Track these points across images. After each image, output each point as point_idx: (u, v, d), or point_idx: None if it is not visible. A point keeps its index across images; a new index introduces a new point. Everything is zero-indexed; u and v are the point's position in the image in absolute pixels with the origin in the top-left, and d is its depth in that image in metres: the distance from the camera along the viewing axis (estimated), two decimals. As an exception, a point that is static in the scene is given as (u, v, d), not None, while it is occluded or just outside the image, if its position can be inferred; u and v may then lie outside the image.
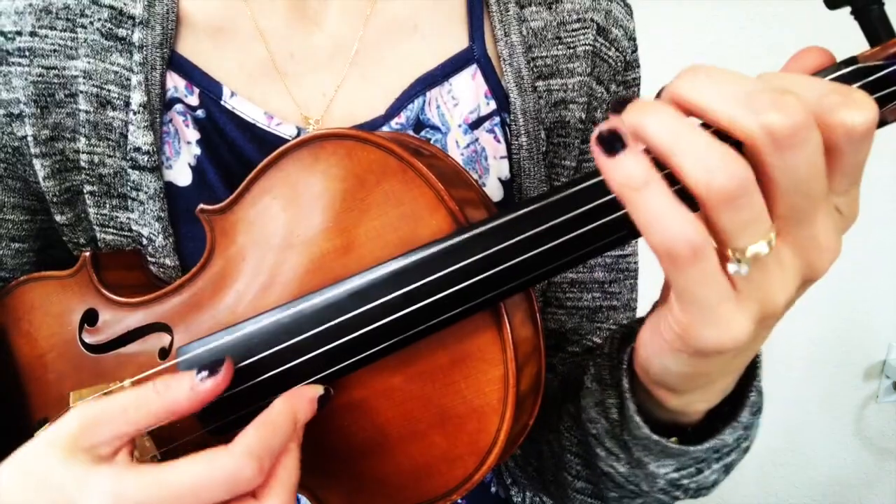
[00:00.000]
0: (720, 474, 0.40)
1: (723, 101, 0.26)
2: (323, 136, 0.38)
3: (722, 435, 0.37)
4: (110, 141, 0.47)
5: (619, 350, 0.41)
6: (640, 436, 0.38)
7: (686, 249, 0.26)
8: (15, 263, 0.51)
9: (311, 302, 0.36)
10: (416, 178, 0.36)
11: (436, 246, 0.34)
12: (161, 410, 0.33)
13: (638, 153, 0.26)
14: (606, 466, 0.41)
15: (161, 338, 0.42)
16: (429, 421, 0.37)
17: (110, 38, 0.46)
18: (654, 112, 0.27)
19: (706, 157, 0.25)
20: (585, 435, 0.42)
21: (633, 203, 0.26)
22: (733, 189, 0.25)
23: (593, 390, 0.41)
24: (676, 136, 0.26)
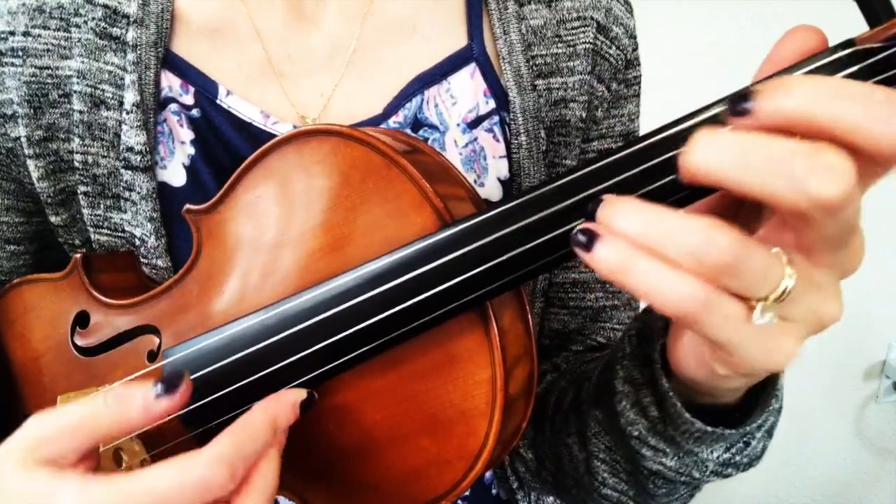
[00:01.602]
0: (766, 440, 0.40)
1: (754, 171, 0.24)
2: (307, 132, 0.38)
3: (768, 405, 0.37)
4: (104, 141, 0.46)
5: (641, 347, 0.40)
6: (691, 430, 0.37)
7: (694, 306, 0.25)
8: (10, 266, 0.50)
9: (295, 303, 0.35)
10: (401, 175, 0.35)
11: (419, 244, 0.33)
12: (114, 426, 0.32)
13: (611, 240, 0.26)
14: (655, 465, 0.40)
15: (150, 340, 0.42)
16: (416, 425, 0.36)
17: (104, 37, 0.46)
18: (620, 212, 0.27)
19: (686, 241, 0.25)
20: (624, 438, 0.41)
21: (626, 284, 0.26)
22: (727, 262, 0.25)
23: (626, 393, 0.40)
24: (649, 229, 0.26)
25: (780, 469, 1.59)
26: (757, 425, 0.37)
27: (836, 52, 0.27)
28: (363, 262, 0.34)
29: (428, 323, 0.33)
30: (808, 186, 0.23)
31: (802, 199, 0.23)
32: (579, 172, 0.30)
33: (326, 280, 0.35)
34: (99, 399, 0.32)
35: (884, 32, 0.27)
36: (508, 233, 0.31)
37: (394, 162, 0.36)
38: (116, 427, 0.32)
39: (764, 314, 0.26)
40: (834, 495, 1.63)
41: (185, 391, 0.32)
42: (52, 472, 0.31)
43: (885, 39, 0.26)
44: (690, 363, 0.33)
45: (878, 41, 0.27)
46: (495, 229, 0.31)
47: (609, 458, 0.44)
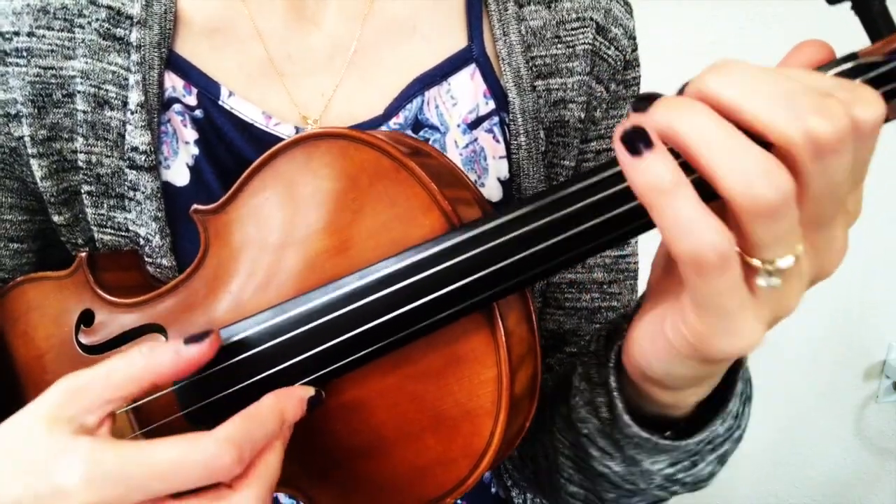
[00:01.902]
0: (715, 465, 0.40)
1: (760, 101, 0.24)
2: (316, 135, 0.38)
3: (713, 426, 0.37)
4: (108, 141, 0.47)
5: (606, 347, 0.41)
6: (630, 434, 0.38)
7: (715, 258, 0.25)
8: (14, 264, 0.50)
9: (303, 303, 0.36)
10: (410, 179, 0.36)
11: (427, 246, 0.33)
12: (145, 373, 0.33)
13: (666, 153, 0.25)
14: (601, 466, 0.41)
15: (156, 339, 0.42)
16: (422, 423, 0.37)
17: (108, 37, 0.46)
18: (686, 109, 0.25)
19: (746, 165, 0.24)
20: (577, 436, 0.42)
21: (659, 207, 0.25)
22: (775, 202, 0.24)
23: (582, 389, 0.41)
24: (711, 137, 0.24)
25: (780, 469, 1.60)
26: (704, 444, 0.37)
27: (839, 65, 0.28)
28: (371, 264, 0.35)
29: (435, 324, 0.34)
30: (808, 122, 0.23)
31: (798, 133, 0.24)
32: (589, 180, 0.31)
33: (334, 281, 0.35)
34: (134, 350, 0.33)
35: (885, 47, 0.28)
36: (517, 236, 0.32)
37: (402, 165, 0.36)
38: (149, 374, 0.33)
39: (770, 278, 0.26)
40: (834, 495, 1.63)
41: (214, 340, 0.34)
42: (67, 434, 0.31)
43: (886, 54, 0.27)
44: (646, 345, 0.32)
45: (880, 55, 0.27)
46: (504, 232, 0.32)
47: (573, 454, 0.45)
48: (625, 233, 0.31)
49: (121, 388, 0.33)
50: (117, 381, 0.33)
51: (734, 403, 0.38)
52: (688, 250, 0.25)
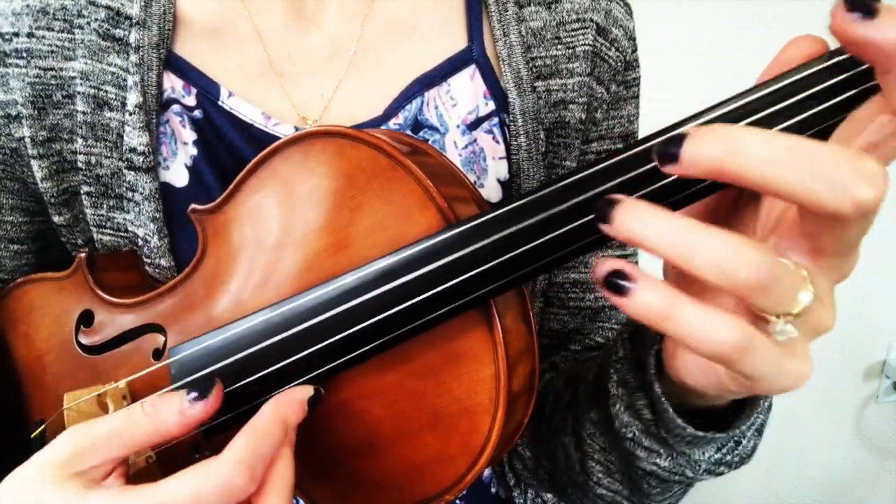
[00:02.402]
0: (756, 438, 0.40)
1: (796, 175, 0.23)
2: (313, 133, 0.38)
3: (757, 406, 0.37)
4: (107, 142, 0.47)
5: (634, 350, 0.41)
6: (683, 434, 0.37)
7: (736, 351, 0.25)
8: (14, 265, 0.51)
9: (300, 302, 0.36)
10: (406, 176, 0.36)
11: (423, 243, 0.33)
12: (152, 434, 0.33)
13: (648, 283, 0.25)
14: (649, 465, 0.41)
15: (155, 338, 0.42)
16: (420, 421, 0.37)
17: (107, 38, 0.46)
18: (643, 221, 0.25)
19: (719, 256, 0.24)
20: (619, 440, 0.42)
21: (666, 328, 0.25)
22: (758, 281, 0.24)
23: (620, 396, 0.41)
24: (676, 238, 0.24)
25: (780, 469, 1.60)
26: (747, 426, 0.37)
27: (833, 57, 0.28)
28: (368, 262, 0.34)
29: (432, 321, 0.34)
30: (854, 191, 0.23)
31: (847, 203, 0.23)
32: (584, 172, 0.30)
33: (332, 279, 0.35)
34: (135, 408, 0.33)
35: None
36: (512, 232, 0.31)
37: (399, 163, 0.36)
38: (153, 435, 0.33)
39: (786, 327, 0.26)
40: (834, 495, 1.63)
41: (218, 394, 0.33)
42: (82, 486, 0.31)
43: None
44: (698, 375, 0.33)
45: None
46: (499, 229, 0.32)
47: (604, 458, 0.45)
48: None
49: (126, 448, 0.33)
50: (121, 443, 0.33)
51: None
52: (710, 354, 0.25)
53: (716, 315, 0.25)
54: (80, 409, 0.42)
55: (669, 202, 0.30)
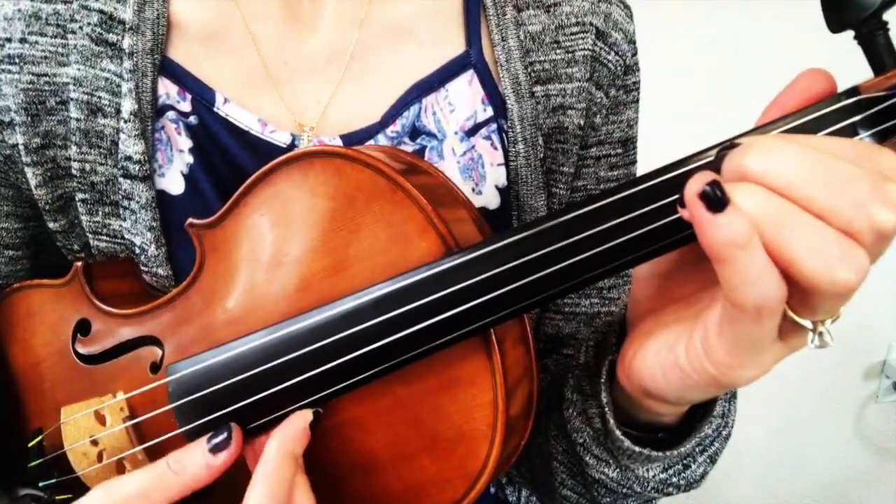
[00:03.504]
0: (707, 466, 0.41)
1: (817, 188, 0.24)
2: (313, 153, 0.38)
3: (701, 431, 0.38)
4: (101, 149, 0.46)
5: (596, 358, 0.41)
6: (622, 447, 0.38)
7: (776, 307, 0.26)
8: (8, 270, 0.50)
9: (300, 325, 0.36)
10: (406, 200, 0.36)
11: (423, 272, 0.33)
12: (183, 488, 0.34)
13: (742, 210, 0.25)
14: (597, 473, 0.42)
15: (152, 351, 0.42)
16: (418, 444, 0.37)
17: (100, 43, 0.46)
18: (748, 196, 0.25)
19: (825, 248, 0.24)
20: (572, 444, 0.42)
21: (733, 262, 0.25)
22: (856, 284, 0.24)
23: (574, 401, 0.42)
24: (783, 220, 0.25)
25: (780, 469, 1.60)
26: (694, 447, 0.38)
27: (840, 100, 0.27)
28: (367, 285, 0.34)
29: (432, 349, 0.34)
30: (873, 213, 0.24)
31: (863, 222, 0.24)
32: (588, 207, 0.30)
33: (331, 302, 0.35)
34: (161, 466, 0.34)
35: (887, 81, 0.27)
36: (515, 266, 0.31)
37: (399, 185, 0.36)
38: (185, 489, 0.34)
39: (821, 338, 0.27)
40: (834, 495, 1.63)
41: (238, 439, 0.35)
42: None
43: (888, 88, 0.27)
44: (657, 373, 0.33)
45: (882, 90, 0.27)
46: (502, 261, 0.32)
47: (566, 460, 0.46)
48: (627, 262, 0.31)
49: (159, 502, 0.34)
50: (155, 500, 0.33)
51: (720, 405, 0.39)
52: (754, 300, 0.26)
53: (775, 269, 0.25)
54: (77, 423, 0.42)
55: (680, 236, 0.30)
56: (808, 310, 0.27)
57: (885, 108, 0.27)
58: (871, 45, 0.28)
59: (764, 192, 0.25)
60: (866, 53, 0.28)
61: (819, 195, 0.24)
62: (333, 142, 0.48)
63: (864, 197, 0.24)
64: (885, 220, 0.24)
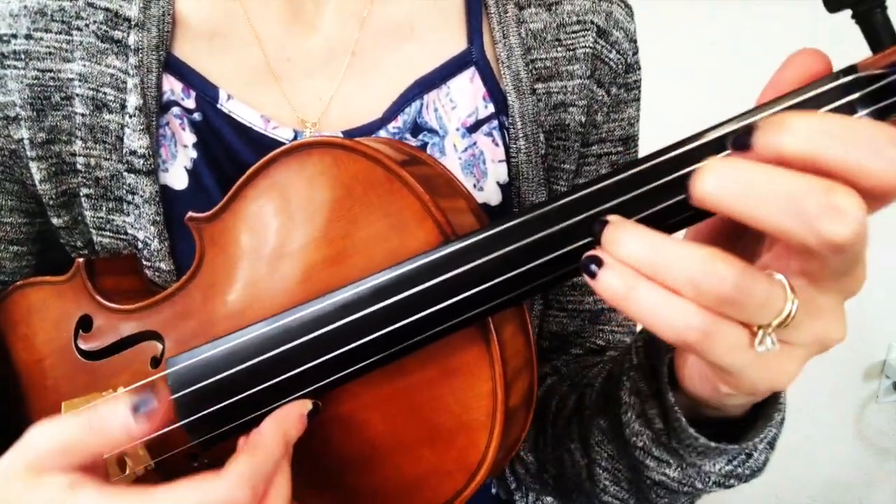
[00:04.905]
0: (768, 452, 0.40)
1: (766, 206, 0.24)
2: (310, 143, 0.38)
3: (771, 422, 0.37)
4: (106, 144, 0.46)
5: (648, 358, 0.41)
6: (695, 444, 0.37)
7: (695, 334, 0.26)
8: (14, 266, 0.50)
9: (298, 315, 0.36)
10: (403, 189, 0.36)
11: (421, 260, 0.33)
12: (99, 445, 0.32)
13: (614, 267, 0.27)
14: (658, 475, 0.41)
15: (153, 346, 0.42)
16: (417, 435, 0.37)
17: (106, 40, 0.46)
18: (623, 237, 0.27)
19: (688, 270, 0.25)
20: (629, 448, 0.41)
21: (628, 311, 0.27)
22: (728, 293, 0.25)
23: (632, 404, 0.41)
24: (651, 255, 0.26)
25: (781, 469, 1.59)
26: (760, 438, 0.37)
27: (838, 79, 0.27)
28: (365, 275, 0.34)
29: (430, 338, 0.34)
30: (820, 227, 0.23)
31: (812, 239, 0.24)
32: (584, 191, 0.30)
33: (329, 293, 0.35)
34: (83, 419, 0.32)
35: (885, 59, 0.27)
36: (512, 251, 0.31)
37: (396, 175, 0.36)
38: (102, 446, 0.32)
39: (764, 341, 0.27)
40: (834, 495, 1.63)
41: (165, 413, 0.33)
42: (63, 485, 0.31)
43: (886, 66, 0.27)
44: (695, 381, 0.34)
45: (880, 67, 0.27)
46: (499, 247, 0.31)
47: (611, 466, 0.45)
48: None
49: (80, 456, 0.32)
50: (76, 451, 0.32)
51: (784, 395, 0.38)
52: (668, 336, 0.27)
53: (674, 300, 0.26)
54: None
55: (675, 220, 0.30)
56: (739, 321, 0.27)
57: (883, 86, 0.26)
58: (869, 22, 0.28)
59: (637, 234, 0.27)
60: (864, 31, 0.28)
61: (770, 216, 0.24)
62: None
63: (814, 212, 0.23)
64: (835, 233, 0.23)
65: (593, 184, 0.30)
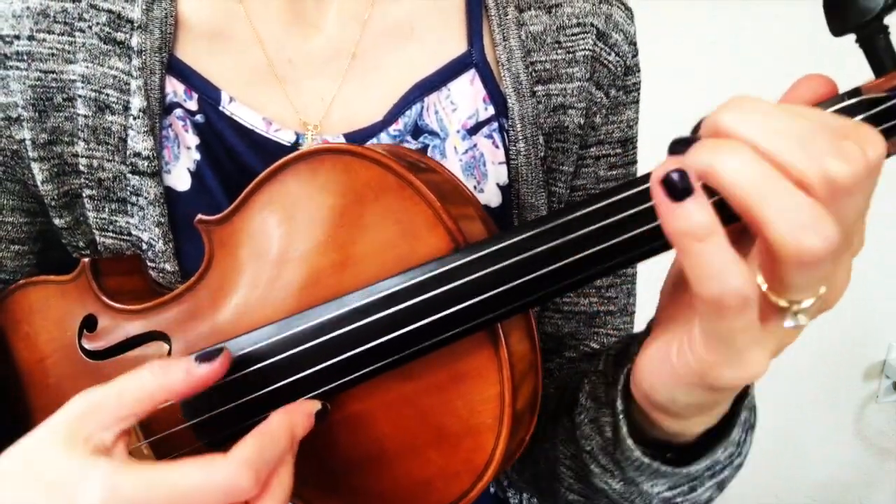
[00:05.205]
0: (714, 491, 0.41)
1: (777, 140, 0.24)
2: (322, 150, 0.38)
3: (714, 454, 0.37)
4: (109, 145, 0.47)
5: (615, 368, 0.41)
6: (632, 457, 0.38)
7: (737, 302, 0.25)
8: (15, 266, 0.51)
9: (308, 319, 0.36)
10: (414, 196, 0.36)
11: (432, 266, 0.34)
12: (157, 391, 0.33)
13: (705, 200, 0.25)
14: (601, 483, 0.42)
15: (160, 346, 0.42)
16: (425, 438, 0.37)
17: (109, 42, 0.46)
18: (731, 153, 0.25)
19: (797, 214, 0.24)
20: (580, 451, 0.43)
21: (692, 253, 0.25)
22: (823, 253, 0.24)
23: (588, 407, 0.42)
24: (760, 182, 0.24)
25: (780, 469, 1.60)
26: (704, 470, 0.38)
27: (843, 101, 0.28)
28: (374, 281, 0.35)
29: (440, 343, 0.34)
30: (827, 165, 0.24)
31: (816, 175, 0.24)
32: (597, 204, 0.31)
33: (339, 297, 0.36)
34: (145, 368, 0.34)
35: (889, 82, 0.28)
36: (521, 259, 0.32)
37: (407, 182, 0.36)
38: (160, 392, 0.33)
39: (797, 317, 0.27)
40: (834, 495, 1.63)
41: (225, 359, 0.35)
42: (86, 455, 0.32)
43: (889, 89, 0.27)
44: (652, 370, 0.33)
45: (884, 91, 0.28)
46: (508, 257, 0.32)
47: (573, 465, 0.45)
48: (632, 257, 0.31)
49: (133, 406, 0.33)
50: (129, 399, 0.33)
51: (737, 432, 0.38)
52: (713, 293, 0.25)
53: (739, 262, 0.25)
54: None
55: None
56: (782, 286, 0.26)
57: (886, 109, 0.27)
58: (872, 47, 0.29)
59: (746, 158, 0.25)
60: (867, 56, 0.29)
61: (778, 148, 0.24)
62: (337, 140, 0.48)
63: (821, 151, 0.24)
64: (837, 170, 0.24)
65: (605, 197, 0.31)
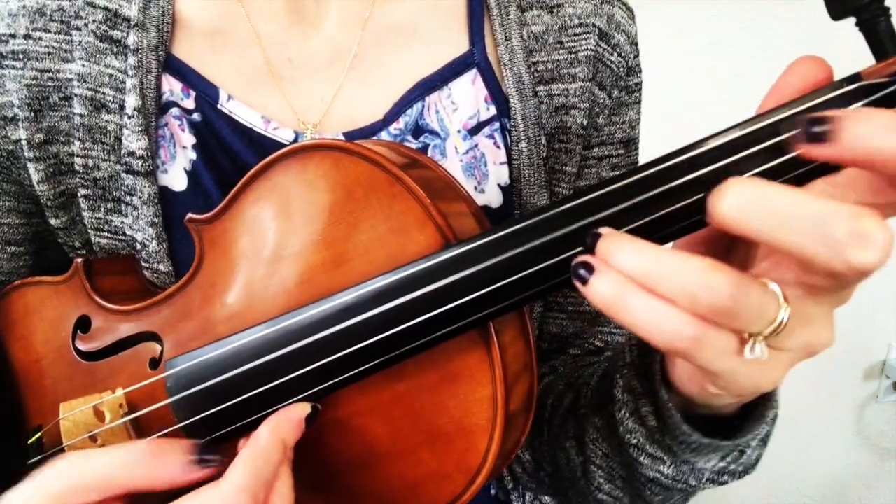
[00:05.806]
0: (761, 449, 0.40)
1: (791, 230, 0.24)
2: (311, 146, 0.37)
3: (764, 420, 0.37)
4: (104, 145, 0.46)
5: (641, 357, 0.41)
6: (688, 441, 0.37)
7: (685, 342, 0.26)
8: (11, 267, 0.50)
9: (298, 319, 0.35)
10: (404, 192, 0.35)
11: (422, 264, 0.33)
12: (149, 481, 0.32)
13: (606, 274, 0.27)
14: (652, 472, 0.41)
15: (152, 347, 0.42)
16: (417, 439, 0.37)
17: (105, 40, 0.46)
18: (618, 248, 0.27)
19: (683, 282, 0.25)
20: (623, 446, 0.42)
21: (618, 318, 0.27)
22: (723, 305, 0.25)
23: (626, 401, 0.41)
24: (646, 267, 0.26)
25: (780, 469, 1.60)
26: (752, 435, 0.37)
27: (842, 87, 0.27)
28: (365, 279, 0.34)
29: (431, 342, 0.34)
30: (849, 253, 0.23)
31: (840, 265, 0.23)
32: (585, 197, 0.30)
33: (330, 296, 0.35)
34: (138, 450, 0.32)
35: (889, 67, 0.27)
36: (514, 255, 0.31)
37: (397, 178, 0.36)
38: (149, 482, 0.32)
39: (755, 349, 0.27)
40: (834, 495, 1.63)
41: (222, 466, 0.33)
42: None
43: (890, 74, 0.26)
44: (684, 380, 0.34)
45: (884, 76, 0.27)
46: (501, 251, 0.31)
47: (606, 464, 0.45)
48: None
49: (122, 489, 0.32)
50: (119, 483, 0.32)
51: (777, 391, 0.38)
52: (659, 342, 0.27)
53: (663, 307, 0.26)
54: (76, 419, 0.42)
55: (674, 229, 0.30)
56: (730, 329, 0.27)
57: (887, 95, 0.26)
58: (873, 31, 0.28)
59: (634, 246, 0.27)
60: (868, 40, 0.28)
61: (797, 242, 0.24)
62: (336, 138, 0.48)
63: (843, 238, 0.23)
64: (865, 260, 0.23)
65: (594, 190, 0.30)
